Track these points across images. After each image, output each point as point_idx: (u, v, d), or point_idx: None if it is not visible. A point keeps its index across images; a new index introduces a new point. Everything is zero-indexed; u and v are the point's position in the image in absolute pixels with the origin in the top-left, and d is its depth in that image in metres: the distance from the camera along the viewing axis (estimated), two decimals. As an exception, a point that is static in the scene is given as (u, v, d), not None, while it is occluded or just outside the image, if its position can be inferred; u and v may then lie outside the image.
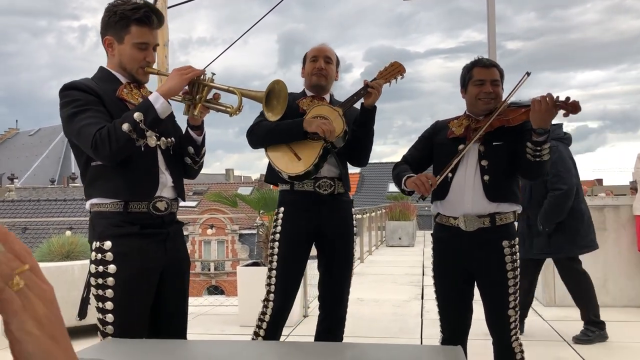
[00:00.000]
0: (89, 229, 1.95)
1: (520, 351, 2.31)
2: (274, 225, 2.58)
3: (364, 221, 10.47)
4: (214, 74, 1.96)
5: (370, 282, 7.18)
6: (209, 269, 24.67)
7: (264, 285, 2.56)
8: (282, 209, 2.57)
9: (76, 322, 4.15)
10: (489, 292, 2.31)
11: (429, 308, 5.23)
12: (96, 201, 1.90)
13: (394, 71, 2.54)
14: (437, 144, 2.41)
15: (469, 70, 2.35)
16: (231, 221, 23.80)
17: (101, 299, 1.86)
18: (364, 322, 4.69)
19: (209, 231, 24.16)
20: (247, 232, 24.53)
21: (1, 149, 44.95)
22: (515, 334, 2.31)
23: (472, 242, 2.26)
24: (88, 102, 1.85)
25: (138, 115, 1.80)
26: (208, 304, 5.77)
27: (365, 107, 2.53)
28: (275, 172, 2.52)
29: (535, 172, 2.23)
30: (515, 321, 2.29)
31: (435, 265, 2.41)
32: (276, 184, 2.67)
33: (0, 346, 3.51)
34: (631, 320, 4.60)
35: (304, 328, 4.49)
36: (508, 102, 2.27)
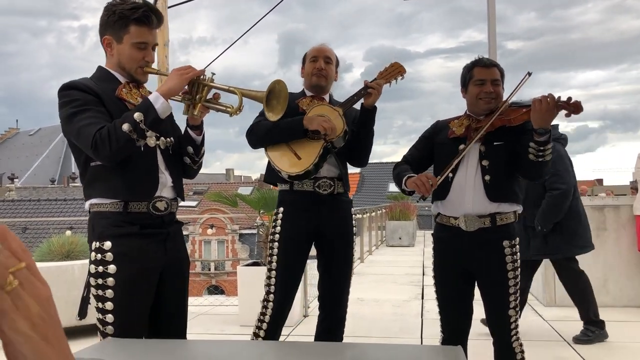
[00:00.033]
0: (88, 229, 1.94)
1: (520, 351, 2.31)
2: (273, 225, 2.57)
3: (364, 221, 10.47)
4: (213, 73, 1.96)
5: (370, 282, 7.18)
6: (209, 269, 24.67)
7: (264, 285, 2.56)
8: (281, 209, 2.57)
9: (76, 321, 4.15)
10: (489, 292, 2.31)
11: (429, 308, 5.23)
12: (96, 201, 1.90)
13: (394, 72, 2.54)
14: (438, 143, 2.41)
15: (469, 70, 2.35)
16: (231, 221, 23.80)
17: (101, 299, 1.86)
18: (364, 322, 4.69)
19: (209, 231, 24.15)
20: (248, 231, 24.53)
21: (1, 148, 44.96)
22: (516, 334, 2.31)
23: (473, 242, 2.26)
24: (87, 102, 1.84)
25: (138, 116, 1.79)
26: (208, 303, 5.77)
27: (366, 107, 2.52)
28: (275, 172, 2.52)
29: (537, 172, 2.23)
30: (515, 321, 2.29)
31: (436, 265, 2.41)
32: (275, 184, 2.66)
33: None
34: (631, 320, 4.60)
35: (304, 328, 4.48)
36: (509, 102, 2.27)
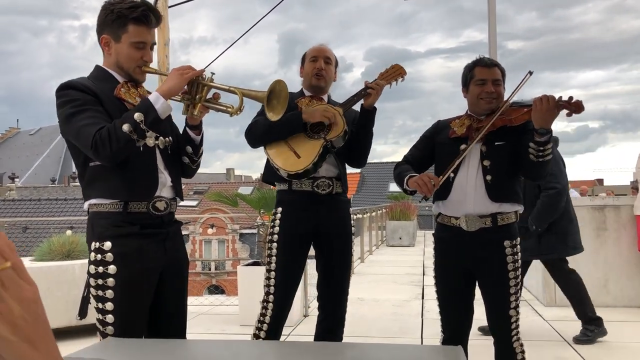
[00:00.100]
0: (87, 229, 1.93)
1: (521, 351, 2.31)
2: (272, 225, 2.56)
3: (364, 221, 10.46)
4: (213, 73, 1.95)
5: (370, 282, 7.17)
6: (210, 269, 24.68)
7: (263, 286, 2.55)
8: (280, 209, 2.56)
9: (76, 321, 4.14)
10: (490, 292, 2.30)
11: (429, 308, 5.23)
12: (95, 201, 1.88)
13: (394, 73, 2.55)
14: (439, 143, 2.40)
15: (470, 70, 2.35)
16: (232, 220, 23.79)
17: (101, 299, 1.85)
18: (364, 322, 4.69)
19: (209, 230, 24.17)
20: (248, 231, 24.53)
21: (2, 148, 44.95)
22: (517, 334, 2.30)
23: (474, 242, 2.26)
24: (86, 101, 1.82)
25: (138, 116, 1.78)
26: (208, 303, 5.77)
27: (365, 108, 2.52)
28: (273, 171, 2.51)
29: (537, 173, 2.23)
30: (516, 321, 2.28)
31: (437, 265, 2.40)
32: (273, 183, 2.65)
33: None
34: (631, 321, 4.60)
35: (304, 328, 4.48)
36: (510, 101, 2.27)
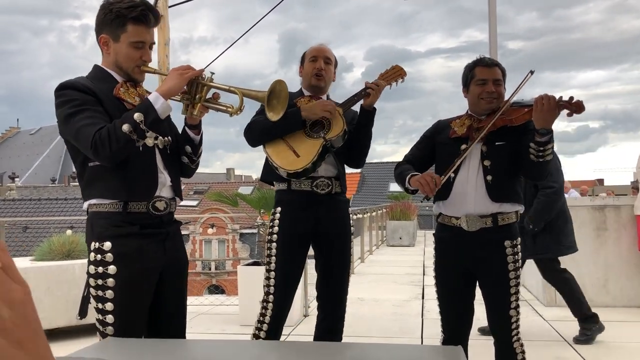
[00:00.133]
0: (86, 229, 1.92)
1: (521, 351, 2.30)
2: (271, 225, 2.55)
3: (364, 221, 10.46)
4: (212, 73, 1.94)
5: (370, 282, 7.18)
6: (210, 268, 24.69)
7: (263, 286, 2.54)
8: (279, 208, 2.55)
9: (77, 321, 4.14)
10: (490, 292, 2.30)
11: (429, 308, 5.23)
12: (95, 201, 1.88)
13: (395, 74, 2.55)
14: (439, 143, 2.40)
15: (470, 70, 2.34)
16: (232, 220, 23.79)
17: (101, 299, 1.85)
18: (364, 322, 4.69)
19: (209, 230, 24.16)
20: (248, 231, 24.55)
21: (2, 147, 44.97)
22: (517, 334, 2.30)
23: (474, 242, 2.25)
24: (85, 101, 1.82)
25: (138, 116, 1.78)
26: (208, 303, 5.76)
27: (365, 108, 2.52)
28: (272, 171, 2.50)
29: (538, 172, 2.23)
30: (516, 321, 2.28)
31: (437, 265, 2.40)
32: (272, 182, 2.64)
33: None
34: (631, 321, 4.60)
35: (305, 327, 4.48)
36: (511, 101, 2.26)
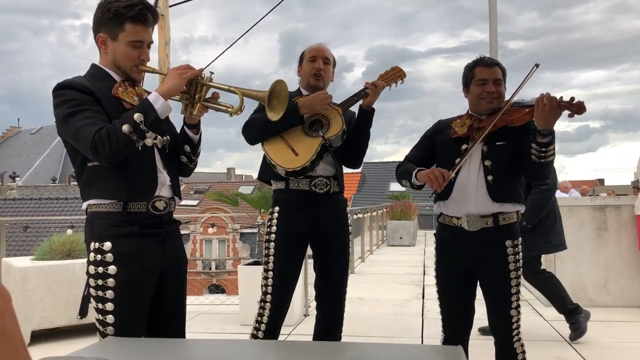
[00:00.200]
0: (85, 229, 1.91)
1: (522, 351, 2.30)
2: (269, 225, 2.54)
3: (365, 220, 10.46)
4: (212, 72, 1.93)
5: (371, 282, 7.18)
6: (210, 268, 24.71)
7: (260, 286, 2.54)
8: (277, 208, 2.54)
9: (77, 320, 4.14)
10: (491, 292, 2.30)
11: (429, 308, 5.23)
12: (94, 202, 1.87)
13: (394, 75, 2.56)
14: (440, 143, 2.40)
15: (471, 70, 2.34)
16: (232, 220, 23.80)
17: (101, 300, 1.84)
18: (364, 322, 4.69)
19: (210, 230, 24.17)
20: (248, 231, 24.57)
21: (3, 147, 44.99)
22: (517, 334, 2.30)
23: (475, 242, 2.25)
24: (84, 101, 1.81)
25: (138, 116, 1.77)
26: (209, 302, 5.76)
27: (363, 108, 2.52)
28: (270, 169, 2.50)
29: (539, 173, 2.22)
30: (517, 321, 2.28)
31: (438, 265, 2.40)
32: (269, 181, 2.64)
33: None
34: (632, 321, 4.60)
35: (305, 327, 4.48)
36: (513, 100, 2.26)
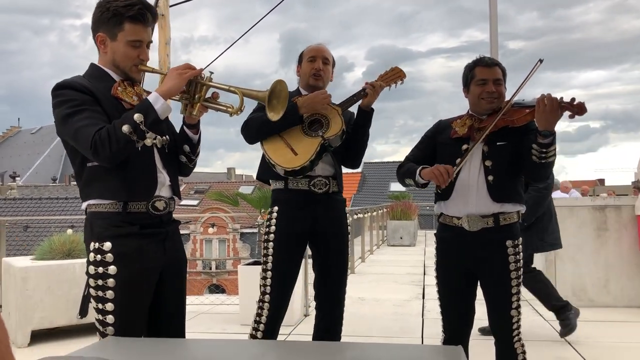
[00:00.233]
0: (85, 229, 1.91)
1: (522, 352, 2.30)
2: (268, 225, 2.54)
3: (365, 220, 10.47)
4: (212, 72, 1.93)
5: (371, 282, 7.18)
6: (210, 268, 24.72)
7: (259, 286, 2.53)
8: (275, 208, 2.54)
9: (77, 320, 4.14)
10: (491, 292, 2.30)
11: (430, 308, 5.23)
12: (94, 202, 1.87)
13: (394, 76, 2.56)
14: (440, 143, 2.40)
15: (471, 70, 2.34)
16: (232, 220, 23.82)
17: (101, 300, 1.84)
18: (364, 322, 4.69)
19: (210, 230, 24.20)
20: (249, 230, 24.58)
21: (3, 147, 45.01)
22: (518, 334, 2.30)
23: (476, 242, 2.25)
24: (84, 101, 1.80)
25: (138, 117, 1.77)
26: (209, 302, 5.77)
27: (362, 108, 2.52)
28: (269, 169, 2.49)
29: (540, 173, 2.22)
30: (517, 321, 2.28)
31: (438, 265, 2.40)
32: (268, 181, 2.64)
33: None
34: (632, 321, 4.60)
35: (305, 327, 4.48)
36: (513, 101, 2.26)
